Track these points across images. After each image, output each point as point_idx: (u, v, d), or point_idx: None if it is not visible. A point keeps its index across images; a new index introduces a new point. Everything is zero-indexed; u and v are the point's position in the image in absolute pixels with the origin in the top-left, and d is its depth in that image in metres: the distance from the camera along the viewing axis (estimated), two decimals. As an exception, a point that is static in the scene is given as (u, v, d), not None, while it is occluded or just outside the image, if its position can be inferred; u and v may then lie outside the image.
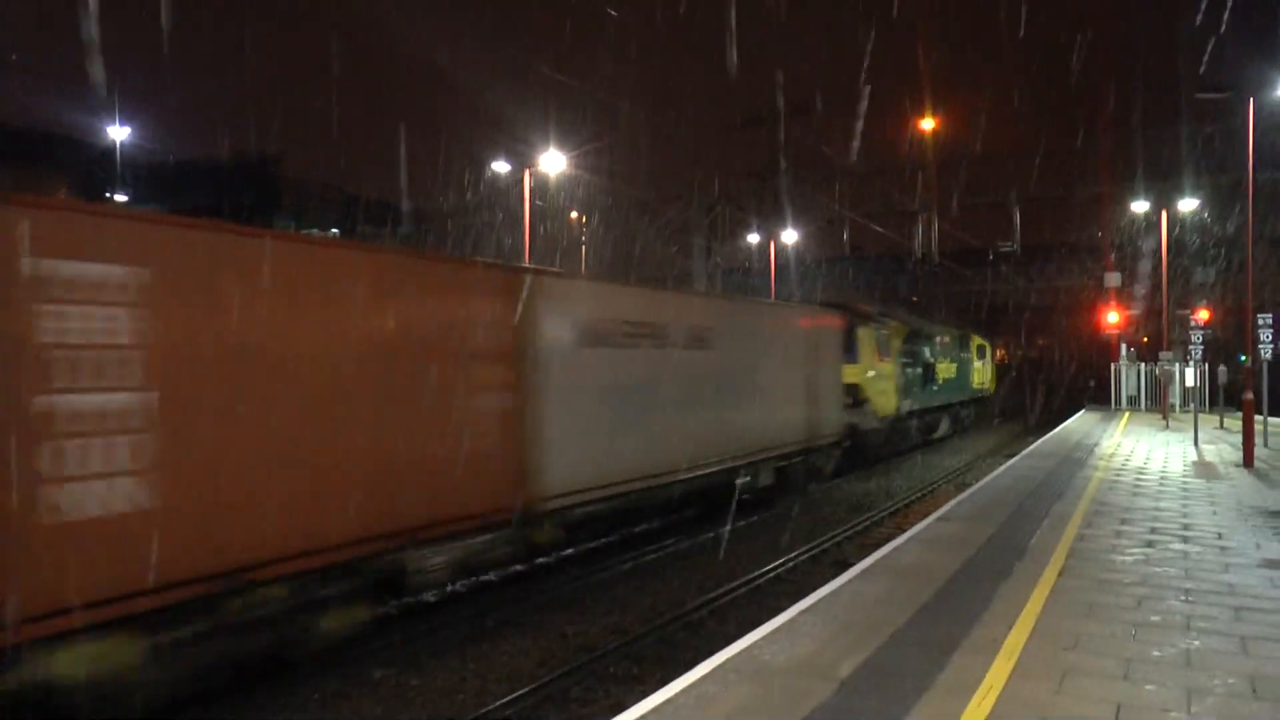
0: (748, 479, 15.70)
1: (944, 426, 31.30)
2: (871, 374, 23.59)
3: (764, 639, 7.12)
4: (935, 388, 29.73)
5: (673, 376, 13.53)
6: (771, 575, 12.72)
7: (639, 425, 12.67)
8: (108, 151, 39.59)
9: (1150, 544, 10.55)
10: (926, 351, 29.03)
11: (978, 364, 36.44)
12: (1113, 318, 41.83)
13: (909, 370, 26.74)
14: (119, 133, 39.61)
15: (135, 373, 6.88)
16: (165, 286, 7.12)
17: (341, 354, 8.51)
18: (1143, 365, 40.22)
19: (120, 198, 38.06)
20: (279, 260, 7.99)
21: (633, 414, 12.55)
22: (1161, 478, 16.53)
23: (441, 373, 9.45)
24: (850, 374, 21.59)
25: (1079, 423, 31.66)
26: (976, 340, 36.75)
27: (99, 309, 6.73)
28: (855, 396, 22.16)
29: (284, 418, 7.92)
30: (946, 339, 32.22)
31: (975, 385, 36.02)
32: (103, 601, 6.63)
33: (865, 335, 23.51)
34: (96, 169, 38.76)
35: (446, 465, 9.43)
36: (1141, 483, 15.85)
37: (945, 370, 31.20)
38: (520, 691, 8.31)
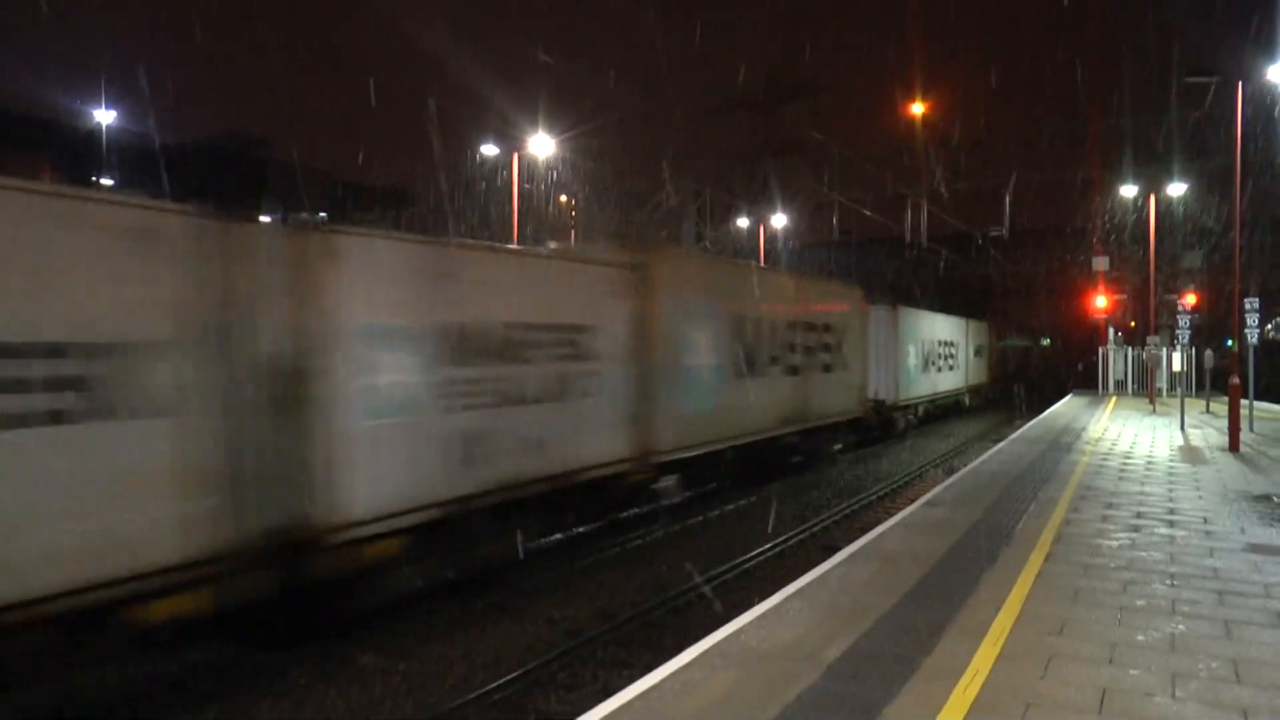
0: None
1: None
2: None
3: (751, 623, 7.13)
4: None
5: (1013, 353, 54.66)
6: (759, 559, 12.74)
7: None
8: (93, 135, 39.20)
9: (1136, 529, 10.59)
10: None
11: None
12: (1100, 302, 41.92)
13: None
14: (104, 116, 39.24)
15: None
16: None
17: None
18: (1130, 349, 40.38)
19: (105, 182, 37.74)
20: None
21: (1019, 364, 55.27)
22: (1148, 462, 16.60)
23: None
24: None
25: (1066, 407, 31.78)
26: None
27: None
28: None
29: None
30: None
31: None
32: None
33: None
34: (81, 152, 38.37)
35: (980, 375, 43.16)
36: (1128, 467, 15.91)
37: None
38: (508, 677, 8.32)
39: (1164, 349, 33.71)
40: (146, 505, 7.21)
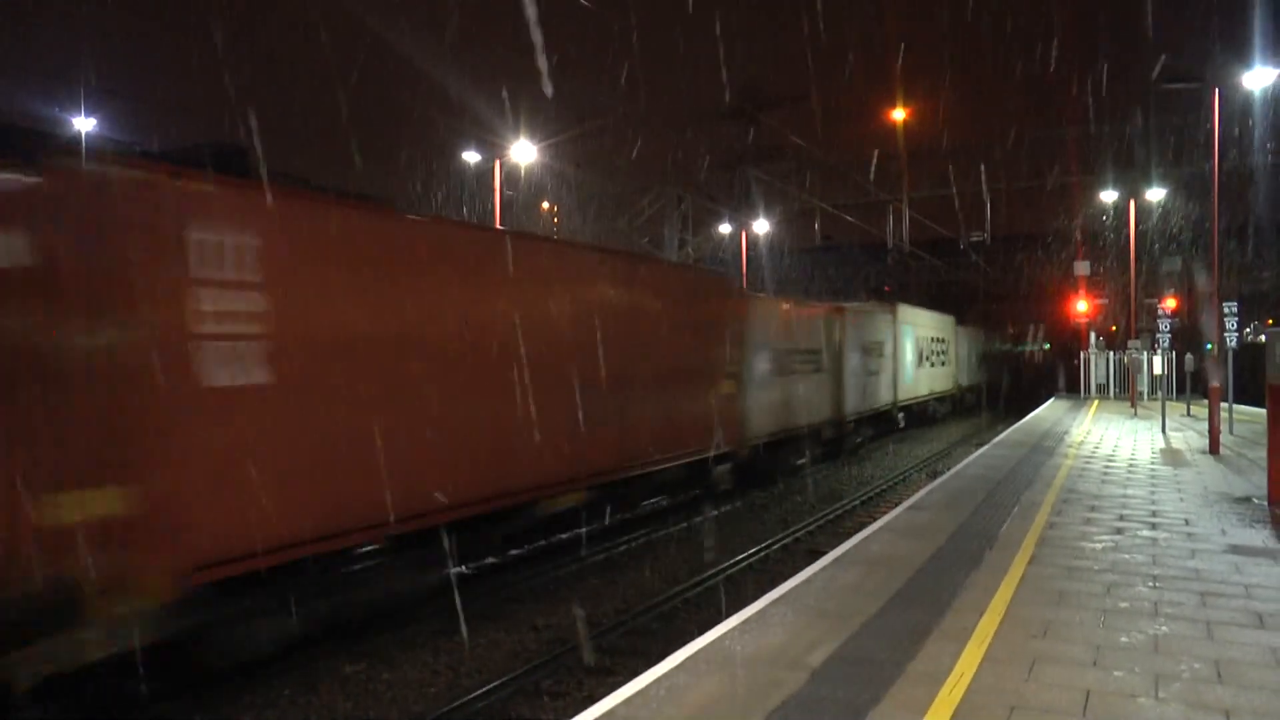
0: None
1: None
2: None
3: (735, 629, 7.11)
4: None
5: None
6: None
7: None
8: (73, 143, 38.90)
9: (1119, 531, 10.64)
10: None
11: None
12: (1081, 306, 42.14)
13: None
14: (84, 124, 38.98)
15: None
16: None
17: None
18: (1111, 353, 40.61)
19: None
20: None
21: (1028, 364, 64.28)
22: (1130, 465, 16.69)
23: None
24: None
25: (1049, 411, 31.93)
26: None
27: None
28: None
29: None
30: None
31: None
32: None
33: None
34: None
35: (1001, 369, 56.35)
36: (1110, 470, 15.99)
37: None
38: (492, 684, 8.28)
39: (1145, 353, 33.94)
40: (821, 400, 22.28)
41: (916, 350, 32.28)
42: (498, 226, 29.01)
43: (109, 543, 6.63)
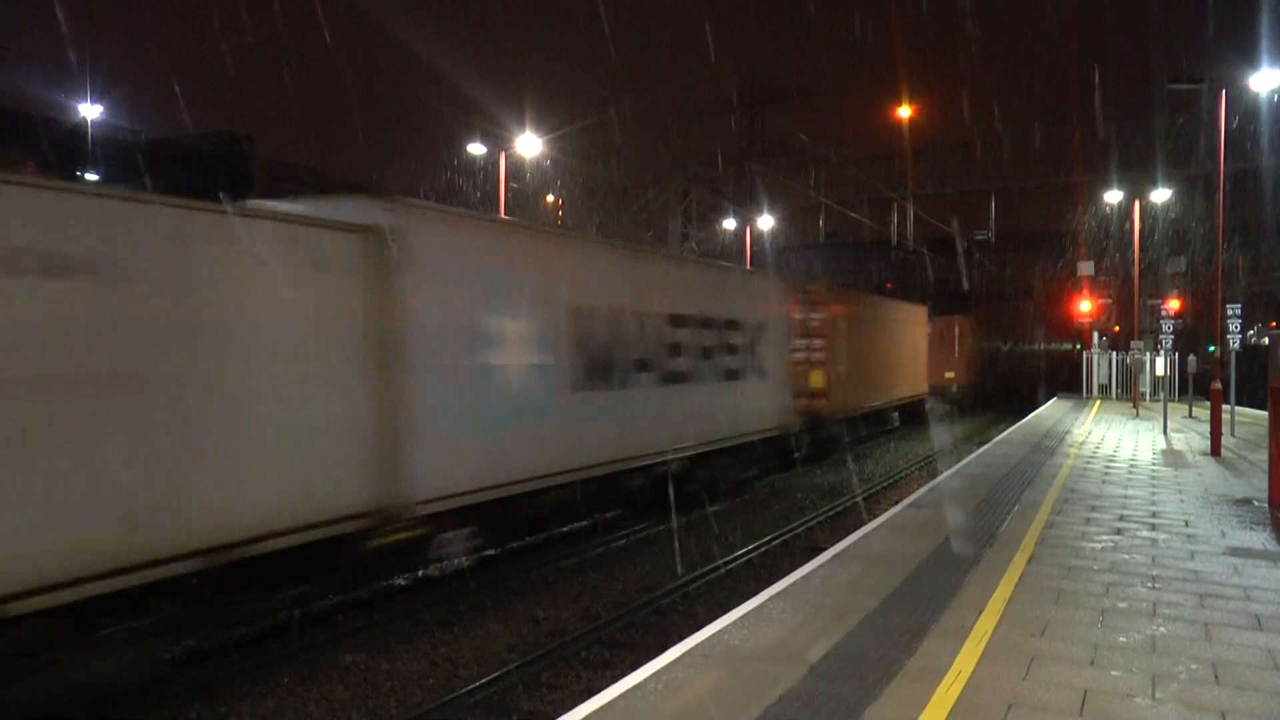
0: None
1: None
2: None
3: (734, 624, 7.13)
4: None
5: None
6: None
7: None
8: (78, 130, 38.92)
9: (1119, 531, 10.64)
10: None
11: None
12: (1085, 306, 42.06)
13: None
14: (90, 110, 39.00)
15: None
16: None
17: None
18: (1114, 354, 40.57)
19: (91, 177, 37.46)
20: None
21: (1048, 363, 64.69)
22: (1131, 466, 16.68)
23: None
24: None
25: (1051, 410, 31.91)
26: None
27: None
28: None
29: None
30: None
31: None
32: None
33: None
34: (66, 147, 38.06)
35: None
36: (1111, 471, 15.98)
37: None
38: (491, 675, 8.30)
39: (1147, 354, 33.90)
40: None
41: (988, 353, 46.79)
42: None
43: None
